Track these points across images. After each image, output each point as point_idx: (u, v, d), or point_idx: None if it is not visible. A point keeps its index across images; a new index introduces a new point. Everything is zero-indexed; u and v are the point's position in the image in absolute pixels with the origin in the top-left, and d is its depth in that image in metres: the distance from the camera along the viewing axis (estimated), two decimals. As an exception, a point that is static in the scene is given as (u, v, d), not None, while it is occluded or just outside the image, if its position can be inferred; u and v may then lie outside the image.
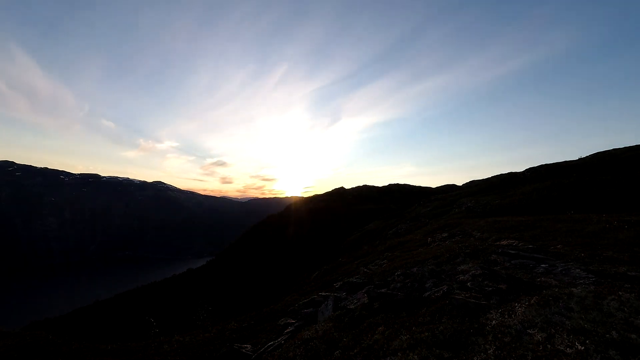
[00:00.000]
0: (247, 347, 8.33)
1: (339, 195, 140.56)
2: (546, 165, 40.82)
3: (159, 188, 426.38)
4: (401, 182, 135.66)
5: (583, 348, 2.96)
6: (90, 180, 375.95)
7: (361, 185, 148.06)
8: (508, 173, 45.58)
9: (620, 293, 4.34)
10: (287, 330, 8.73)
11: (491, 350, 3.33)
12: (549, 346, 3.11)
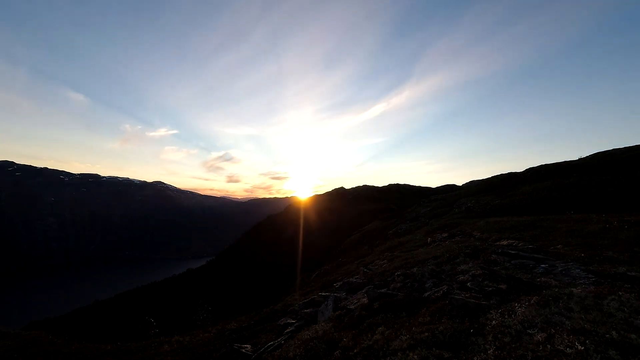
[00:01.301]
0: (247, 347, 8.33)
1: (339, 195, 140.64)
2: (546, 165, 40.81)
3: (159, 188, 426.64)
4: (401, 182, 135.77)
5: (583, 348, 2.96)
6: (90, 180, 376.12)
7: (361, 185, 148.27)
8: (508, 173, 45.59)
9: (620, 293, 4.34)
10: (287, 330, 8.73)
11: (491, 351, 3.33)
12: (549, 346, 3.11)
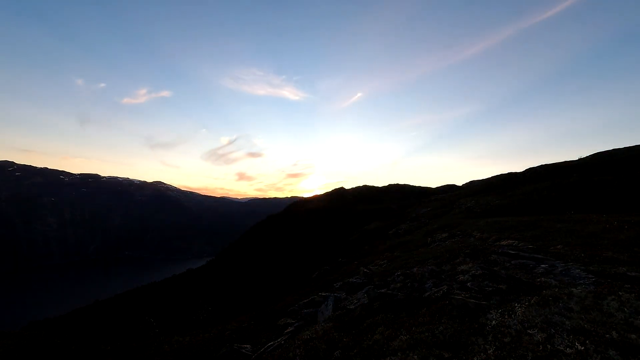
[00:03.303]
0: (247, 347, 8.33)
1: (338, 195, 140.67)
2: (546, 165, 40.88)
3: (158, 188, 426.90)
4: (401, 182, 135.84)
5: (583, 348, 2.96)
6: (90, 181, 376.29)
7: (361, 185, 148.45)
8: (508, 173, 45.66)
9: (620, 293, 4.34)
10: (287, 330, 8.73)
11: (491, 351, 3.33)
12: (549, 346, 3.12)
